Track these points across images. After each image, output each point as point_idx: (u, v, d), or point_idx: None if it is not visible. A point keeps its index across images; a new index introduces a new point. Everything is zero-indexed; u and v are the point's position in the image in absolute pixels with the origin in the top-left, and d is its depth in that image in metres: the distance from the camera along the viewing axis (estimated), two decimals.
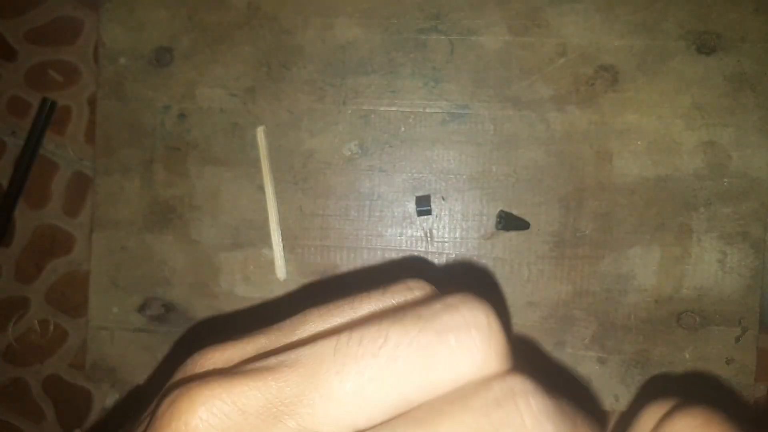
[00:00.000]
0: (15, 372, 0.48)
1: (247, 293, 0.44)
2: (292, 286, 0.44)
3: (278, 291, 0.44)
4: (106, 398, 0.48)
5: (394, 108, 0.44)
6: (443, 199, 0.43)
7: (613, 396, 0.43)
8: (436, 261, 0.43)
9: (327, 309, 0.16)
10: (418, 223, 0.43)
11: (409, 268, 0.44)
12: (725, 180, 0.42)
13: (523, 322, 0.43)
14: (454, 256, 0.43)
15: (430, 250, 0.43)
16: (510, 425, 0.13)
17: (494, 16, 0.43)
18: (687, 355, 0.42)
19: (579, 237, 0.43)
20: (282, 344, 0.15)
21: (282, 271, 0.43)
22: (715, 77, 0.43)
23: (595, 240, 0.43)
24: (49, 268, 0.47)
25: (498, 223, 0.43)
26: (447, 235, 0.43)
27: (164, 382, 0.16)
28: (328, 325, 0.16)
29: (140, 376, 0.45)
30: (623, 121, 0.43)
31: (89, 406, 0.48)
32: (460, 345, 0.14)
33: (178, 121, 0.44)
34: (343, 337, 0.14)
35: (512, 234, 0.43)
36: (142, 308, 0.44)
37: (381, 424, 0.14)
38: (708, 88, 0.43)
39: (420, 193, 0.43)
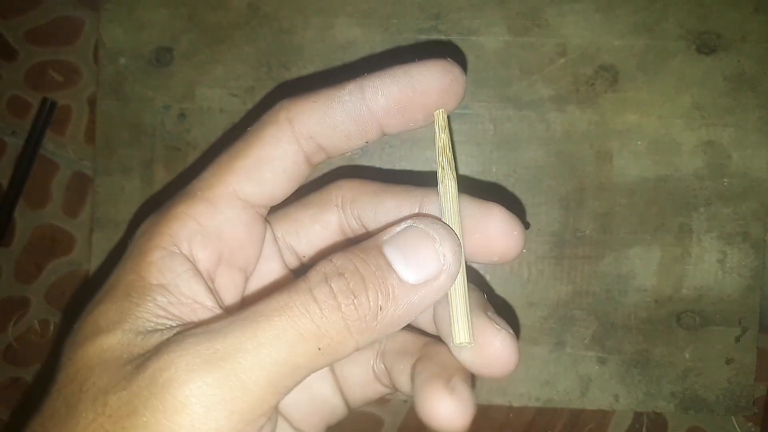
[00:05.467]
0: (15, 372, 0.48)
1: None
2: None
3: None
4: None
5: None
6: None
7: (613, 396, 0.43)
8: None
9: None
10: None
11: None
12: (725, 180, 0.42)
13: (523, 322, 0.43)
14: None
15: None
16: None
17: (494, 16, 0.43)
18: (687, 355, 0.42)
19: (579, 237, 0.43)
20: None
21: None
22: (715, 77, 0.42)
23: (595, 240, 0.43)
24: (49, 268, 0.47)
25: None
26: None
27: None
28: None
29: None
30: (623, 121, 0.43)
31: None
32: None
33: (178, 121, 0.44)
34: None
35: None
36: None
37: None
38: (708, 88, 0.43)
39: None
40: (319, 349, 0.18)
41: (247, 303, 0.24)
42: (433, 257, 0.19)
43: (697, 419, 0.45)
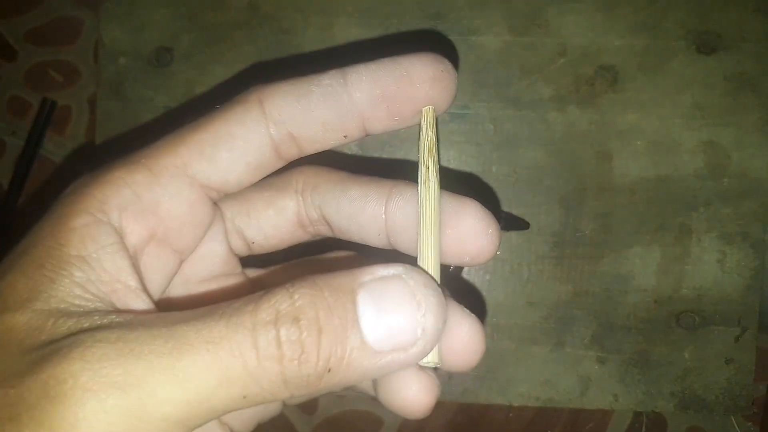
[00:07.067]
0: None
1: None
2: None
3: None
4: None
5: None
6: None
7: (613, 396, 0.43)
8: None
9: None
10: None
11: None
12: (725, 180, 0.42)
13: (523, 322, 0.43)
14: None
15: None
16: None
17: (495, 15, 0.43)
18: (687, 355, 0.42)
19: (579, 237, 0.43)
20: None
21: None
22: (715, 77, 0.42)
23: (595, 240, 0.43)
24: None
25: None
26: None
27: None
28: None
29: None
30: (623, 121, 0.43)
31: None
32: None
33: None
34: None
35: (512, 234, 0.43)
36: None
37: None
38: (708, 88, 0.42)
39: None
40: (245, 397, 0.15)
41: (178, 302, 0.21)
42: (410, 326, 0.16)
43: (697, 419, 0.45)
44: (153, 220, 0.19)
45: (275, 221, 0.23)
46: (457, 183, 0.43)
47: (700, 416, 0.44)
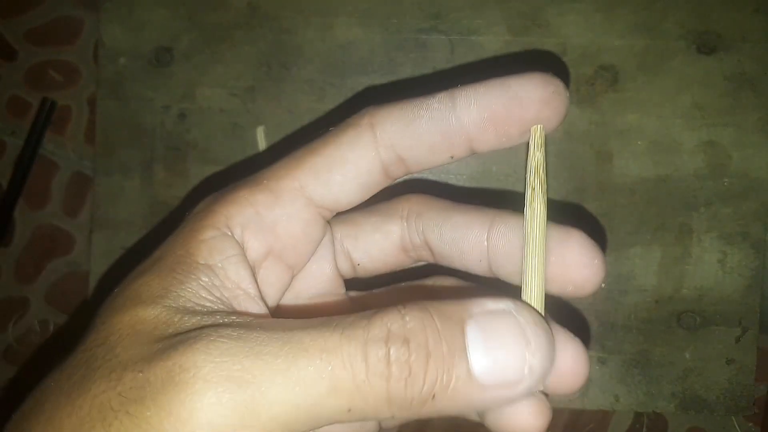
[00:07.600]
0: (15, 372, 0.48)
1: None
2: None
3: None
4: None
5: None
6: None
7: (614, 396, 0.43)
8: None
9: None
10: None
11: None
12: (725, 180, 0.42)
13: None
14: None
15: None
16: None
17: (494, 15, 0.43)
18: (687, 355, 0.42)
19: None
20: None
21: None
22: (715, 77, 0.42)
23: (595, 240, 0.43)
24: (49, 268, 0.47)
25: None
26: None
27: None
28: None
29: None
30: (623, 121, 0.43)
31: None
32: None
33: (178, 121, 0.44)
34: None
35: None
36: None
37: None
38: (708, 88, 0.42)
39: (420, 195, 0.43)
40: (349, 410, 0.16)
41: (289, 311, 0.23)
42: (518, 363, 0.16)
43: (698, 419, 0.44)
44: (271, 237, 0.20)
45: (381, 245, 0.24)
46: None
47: (701, 417, 0.44)
